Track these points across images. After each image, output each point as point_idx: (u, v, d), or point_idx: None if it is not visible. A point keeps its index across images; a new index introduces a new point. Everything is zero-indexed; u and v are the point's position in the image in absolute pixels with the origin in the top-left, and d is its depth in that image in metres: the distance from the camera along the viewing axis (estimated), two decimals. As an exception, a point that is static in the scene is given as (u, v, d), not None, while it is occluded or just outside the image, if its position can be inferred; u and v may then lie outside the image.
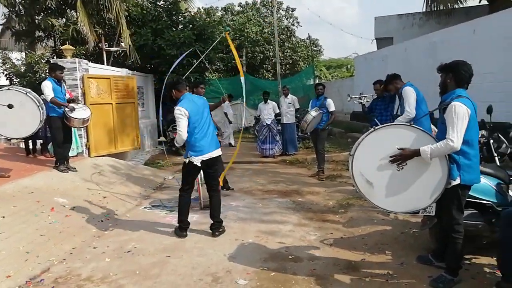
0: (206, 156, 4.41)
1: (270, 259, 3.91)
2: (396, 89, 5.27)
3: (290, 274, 3.57)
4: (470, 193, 3.28)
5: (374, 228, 4.72)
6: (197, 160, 4.37)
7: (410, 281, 3.34)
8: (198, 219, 5.13)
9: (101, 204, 5.64)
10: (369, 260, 3.83)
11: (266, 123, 10.15)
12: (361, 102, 6.51)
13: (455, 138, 2.92)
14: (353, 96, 6.91)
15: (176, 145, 4.48)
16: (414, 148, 3.05)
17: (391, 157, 3.10)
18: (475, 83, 3.18)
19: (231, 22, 20.67)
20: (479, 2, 14.64)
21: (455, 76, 3.13)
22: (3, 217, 4.38)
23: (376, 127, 3.23)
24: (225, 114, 12.66)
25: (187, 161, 4.42)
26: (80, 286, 3.43)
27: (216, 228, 4.62)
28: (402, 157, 3.08)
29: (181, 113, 4.20)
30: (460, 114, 2.92)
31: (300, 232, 4.66)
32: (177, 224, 4.64)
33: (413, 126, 3.19)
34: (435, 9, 14.50)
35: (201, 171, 4.69)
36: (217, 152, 4.56)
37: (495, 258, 3.49)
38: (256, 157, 10.35)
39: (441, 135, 3.13)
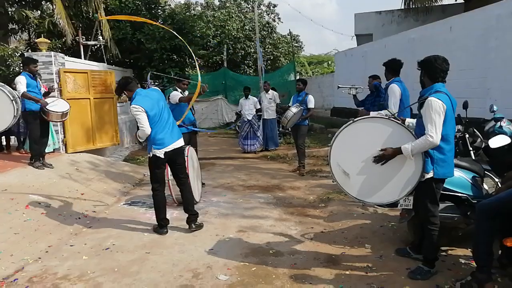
0: (169, 148, 4.39)
1: (251, 254, 3.91)
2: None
3: (271, 268, 3.57)
4: (446, 186, 3.35)
5: (353, 222, 4.77)
6: (159, 153, 4.35)
7: (388, 273, 3.39)
8: (178, 215, 5.07)
9: (78, 201, 5.52)
10: (349, 253, 3.87)
11: (247, 119, 10.12)
12: (349, 93, 6.47)
13: (434, 133, 2.98)
14: (342, 86, 6.84)
15: (140, 140, 4.46)
16: (395, 147, 3.09)
17: (374, 157, 3.15)
18: (451, 79, 3.24)
19: (212, 18, 20.47)
20: (455, 1, 14.99)
21: (428, 71, 3.19)
22: (-25, 215, 4.24)
23: (355, 119, 3.26)
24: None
25: (151, 155, 4.41)
26: (56, 285, 3.35)
27: (192, 221, 4.58)
28: (384, 157, 3.14)
29: (138, 110, 4.18)
30: (436, 109, 2.97)
31: (281, 227, 4.68)
32: (157, 223, 4.59)
33: (391, 120, 3.22)
34: (413, 6, 14.78)
35: (168, 166, 4.67)
36: (179, 143, 4.54)
37: (470, 250, 3.59)
38: (237, 153, 10.32)
39: (419, 129, 3.18)
